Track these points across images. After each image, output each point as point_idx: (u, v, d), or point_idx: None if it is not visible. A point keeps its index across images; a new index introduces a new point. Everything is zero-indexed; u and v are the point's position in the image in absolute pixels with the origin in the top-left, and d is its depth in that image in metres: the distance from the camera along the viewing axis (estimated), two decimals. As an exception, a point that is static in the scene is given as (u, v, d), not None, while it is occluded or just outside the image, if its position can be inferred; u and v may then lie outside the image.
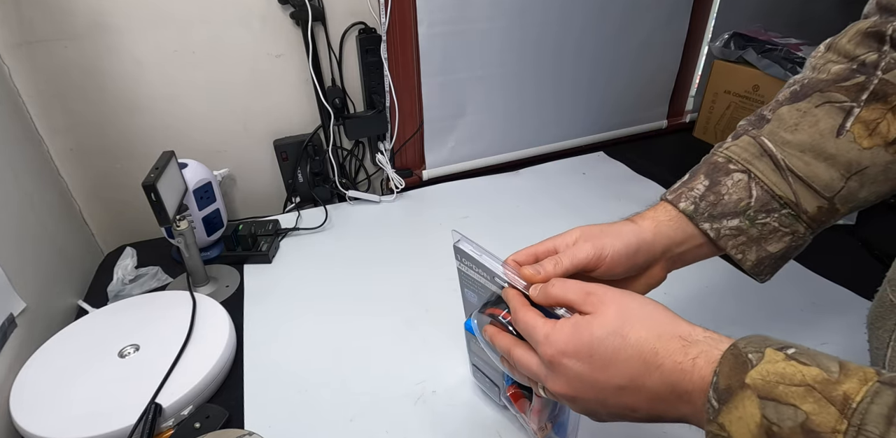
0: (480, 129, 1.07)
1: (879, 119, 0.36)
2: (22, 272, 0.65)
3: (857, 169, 0.37)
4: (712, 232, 0.40)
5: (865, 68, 0.37)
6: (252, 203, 1.03)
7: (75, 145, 0.86)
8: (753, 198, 0.39)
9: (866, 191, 0.39)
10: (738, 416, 0.27)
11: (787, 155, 0.39)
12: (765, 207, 0.39)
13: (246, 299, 0.75)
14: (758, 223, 0.40)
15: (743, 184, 0.40)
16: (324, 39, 0.91)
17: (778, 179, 0.39)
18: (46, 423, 0.53)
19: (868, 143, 0.36)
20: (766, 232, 0.40)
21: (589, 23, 1.03)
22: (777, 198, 0.39)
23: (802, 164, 0.38)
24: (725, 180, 0.40)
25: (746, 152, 0.40)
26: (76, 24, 0.77)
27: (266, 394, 0.60)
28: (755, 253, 0.41)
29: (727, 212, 0.40)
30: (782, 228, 0.40)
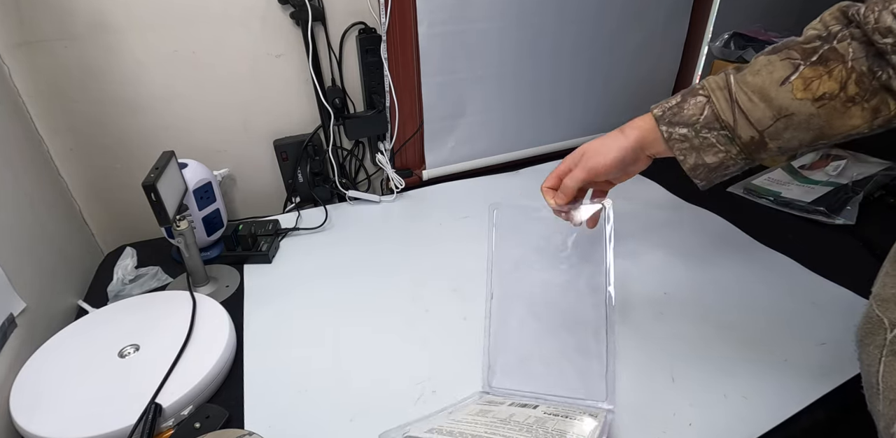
0: (480, 129, 1.07)
1: (815, 78, 0.45)
2: (22, 272, 0.65)
3: (785, 113, 0.46)
4: (665, 134, 0.52)
5: (828, 37, 0.45)
6: (252, 203, 1.03)
7: (75, 145, 0.86)
8: (703, 115, 0.50)
9: (789, 134, 0.48)
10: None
11: (739, 91, 0.48)
12: (709, 125, 0.50)
13: (246, 299, 0.75)
14: (700, 135, 0.50)
15: (700, 105, 0.50)
16: (324, 39, 0.91)
17: (725, 106, 0.49)
18: (46, 423, 0.53)
19: (801, 96, 0.45)
20: (706, 144, 0.50)
21: (589, 22, 1.03)
22: (720, 120, 0.49)
23: (747, 100, 0.48)
24: (691, 99, 0.51)
25: (715, 83, 0.51)
26: (76, 23, 0.77)
27: (266, 394, 0.60)
28: (693, 159, 0.52)
29: (681, 121, 0.51)
30: (718, 145, 0.50)
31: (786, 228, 0.85)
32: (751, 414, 0.54)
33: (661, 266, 0.77)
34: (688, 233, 0.85)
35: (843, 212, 0.85)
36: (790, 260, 0.77)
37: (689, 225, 0.87)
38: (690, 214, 0.91)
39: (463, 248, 0.84)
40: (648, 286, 0.73)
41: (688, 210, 0.92)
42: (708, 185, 0.54)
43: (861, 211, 0.85)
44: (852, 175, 0.93)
